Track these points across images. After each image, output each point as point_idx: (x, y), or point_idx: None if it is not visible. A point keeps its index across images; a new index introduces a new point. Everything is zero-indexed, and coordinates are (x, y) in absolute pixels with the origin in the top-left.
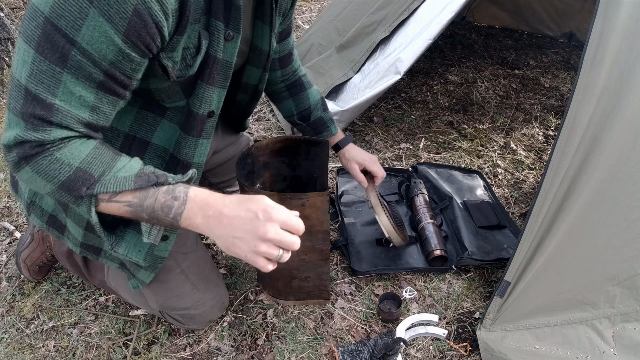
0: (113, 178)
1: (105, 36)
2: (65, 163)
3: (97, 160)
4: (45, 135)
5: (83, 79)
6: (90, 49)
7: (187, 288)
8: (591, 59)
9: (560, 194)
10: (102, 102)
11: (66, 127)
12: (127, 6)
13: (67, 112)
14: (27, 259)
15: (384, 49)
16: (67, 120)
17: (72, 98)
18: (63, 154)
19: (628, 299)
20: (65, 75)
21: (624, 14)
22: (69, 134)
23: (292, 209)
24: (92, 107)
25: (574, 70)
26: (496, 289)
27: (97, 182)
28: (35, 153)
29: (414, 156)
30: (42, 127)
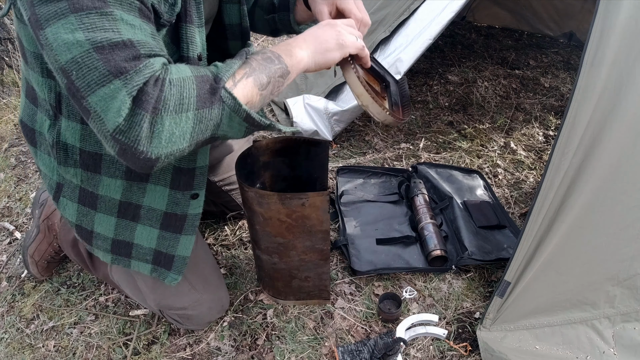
0: (222, 66)
1: None
2: (183, 78)
3: (196, 67)
4: (151, 69)
5: (128, 10)
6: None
7: (184, 287)
8: (591, 59)
9: (560, 194)
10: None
11: (156, 54)
12: None
13: (146, 42)
14: (34, 253)
15: (384, 49)
16: (149, 46)
17: (134, 29)
18: (175, 76)
19: (628, 299)
20: (115, 11)
21: (624, 14)
22: (162, 60)
23: (292, 209)
24: (152, 35)
25: (574, 70)
26: (496, 289)
27: (216, 75)
28: (159, 91)
29: (414, 156)
30: (139, 63)
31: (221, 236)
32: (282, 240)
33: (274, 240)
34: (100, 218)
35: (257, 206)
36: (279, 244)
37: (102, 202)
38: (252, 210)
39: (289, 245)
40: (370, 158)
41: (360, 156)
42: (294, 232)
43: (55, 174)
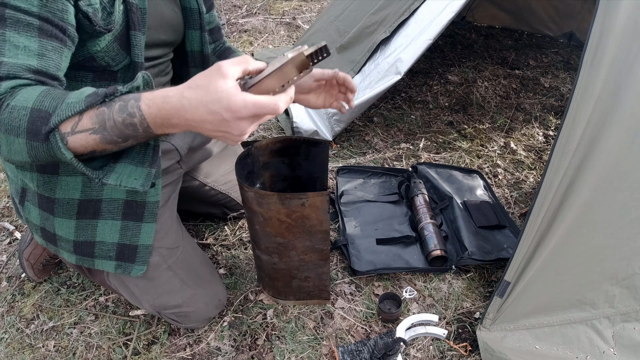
0: (65, 105)
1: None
2: (20, 107)
3: (49, 97)
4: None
5: (24, 30)
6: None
7: (176, 284)
8: (591, 59)
9: (559, 194)
10: (47, 49)
11: (14, 76)
12: None
13: (13, 64)
14: (30, 256)
15: (384, 50)
16: (14, 70)
17: (17, 52)
18: (17, 101)
19: (627, 299)
20: (8, 32)
21: (623, 14)
22: (18, 82)
23: (292, 209)
24: (38, 54)
25: (574, 70)
26: (496, 289)
27: (52, 115)
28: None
29: (414, 156)
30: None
31: (221, 236)
32: (282, 240)
33: (274, 240)
34: (60, 222)
35: (257, 206)
36: (278, 244)
37: (59, 206)
38: (252, 210)
39: (289, 245)
40: (370, 158)
41: (360, 156)
42: (293, 232)
43: (19, 179)
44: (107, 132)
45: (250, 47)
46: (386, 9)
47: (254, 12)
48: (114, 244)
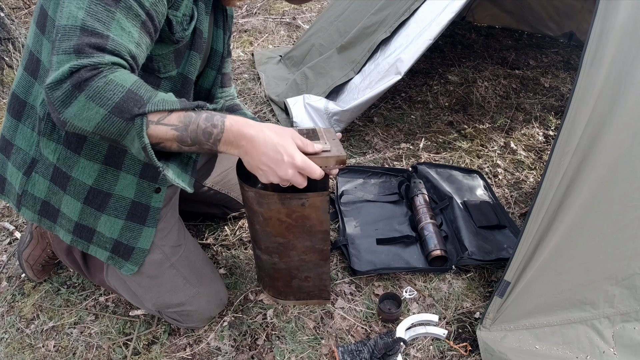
0: (161, 99)
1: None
2: (118, 84)
3: (144, 86)
4: (99, 59)
5: (132, 18)
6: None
7: (179, 282)
8: (591, 59)
9: (559, 194)
10: (142, 42)
11: (118, 54)
12: None
13: (120, 43)
14: (29, 257)
15: (384, 50)
16: (120, 48)
17: (123, 33)
18: (116, 77)
19: (627, 299)
20: (118, 14)
21: (623, 14)
22: (119, 61)
23: (292, 209)
24: (137, 43)
25: (574, 70)
26: (496, 289)
27: (147, 102)
28: (91, 76)
29: (414, 156)
30: (97, 53)
31: (221, 236)
32: (282, 240)
33: (274, 240)
34: (68, 200)
35: (257, 206)
36: (279, 243)
37: (72, 185)
38: (252, 210)
39: (289, 245)
40: (370, 158)
41: (360, 156)
42: (294, 232)
43: (33, 149)
44: (185, 132)
45: (250, 47)
46: (386, 9)
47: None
48: (112, 239)
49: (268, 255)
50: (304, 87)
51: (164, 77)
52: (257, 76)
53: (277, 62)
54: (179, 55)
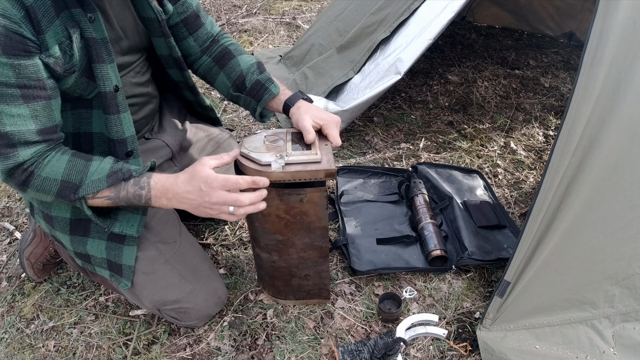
0: (90, 182)
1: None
2: (51, 179)
3: (74, 170)
4: (18, 158)
5: (11, 101)
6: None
7: (174, 278)
8: (591, 59)
9: (559, 194)
10: (37, 110)
11: (25, 142)
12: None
13: (17, 131)
14: (30, 255)
15: (384, 49)
16: (24, 137)
17: (15, 120)
18: (46, 173)
19: (627, 299)
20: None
21: (623, 14)
22: (35, 149)
23: (290, 205)
24: (32, 117)
25: (574, 70)
26: (496, 289)
27: (79, 187)
28: (25, 178)
29: (414, 156)
30: (11, 152)
31: (221, 236)
32: (281, 237)
33: (273, 237)
34: (60, 235)
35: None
36: (278, 241)
37: (56, 223)
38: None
39: (288, 243)
40: (370, 158)
41: (360, 156)
42: (292, 229)
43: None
44: (118, 199)
45: (250, 47)
46: (386, 8)
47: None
48: (104, 259)
49: (267, 253)
50: (303, 87)
51: (92, 96)
52: None
53: (277, 62)
54: (89, 75)
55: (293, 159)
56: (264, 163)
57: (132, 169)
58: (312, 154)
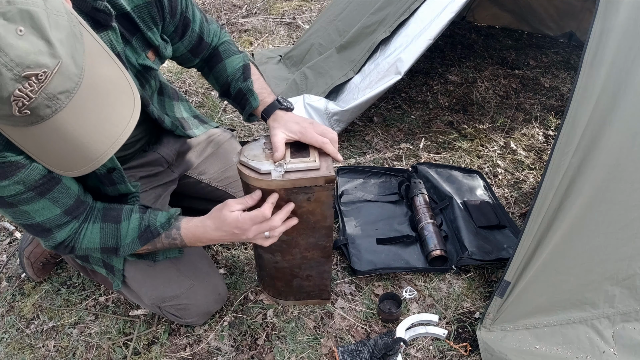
0: (126, 245)
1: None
2: (91, 249)
3: (108, 237)
4: (55, 240)
5: (30, 202)
6: (5, 193)
7: (172, 274)
8: (591, 59)
9: (559, 194)
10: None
11: (58, 225)
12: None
13: (47, 219)
14: (30, 255)
15: (384, 49)
16: (55, 222)
17: (41, 212)
18: (85, 244)
19: (627, 299)
20: (21, 207)
21: (623, 14)
22: (68, 228)
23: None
24: (54, 204)
25: (574, 70)
26: (496, 289)
27: (118, 249)
28: (69, 251)
29: (414, 156)
30: (49, 235)
31: None
32: (285, 237)
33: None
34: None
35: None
36: (282, 241)
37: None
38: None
39: (292, 243)
40: (370, 158)
41: (360, 156)
42: (297, 229)
43: None
44: (156, 248)
45: (250, 47)
46: (386, 8)
47: (254, 12)
48: (99, 258)
49: (270, 253)
50: (303, 87)
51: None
52: None
53: (277, 62)
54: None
55: (292, 166)
56: (263, 172)
57: (159, 226)
58: (311, 161)
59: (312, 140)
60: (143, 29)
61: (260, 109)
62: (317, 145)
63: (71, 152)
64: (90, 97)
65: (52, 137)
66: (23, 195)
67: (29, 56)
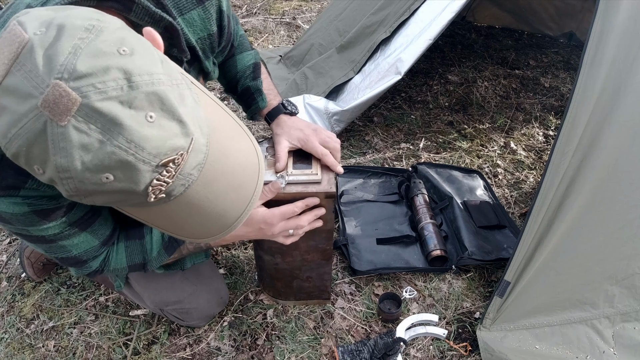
0: (154, 258)
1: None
2: (119, 269)
3: (134, 254)
4: (90, 269)
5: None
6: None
7: (176, 279)
8: (591, 59)
9: (559, 194)
10: (95, 230)
11: (94, 257)
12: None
13: (85, 252)
14: (31, 255)
15: (384, 50)
16: (92, 254)
17: (79, 245)
18: (113, 266)
19: (627, 299)
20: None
21: (623, 14)
22: (102, 257)
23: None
24: (93, 237)
25: (574, 70)
26: (496, 289)
27: (146, 263)
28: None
29: (414, 156)
30: (83, 266)
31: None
32: None
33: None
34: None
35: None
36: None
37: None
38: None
39: (292, 245)
40: (370, 158)
41: (360, 156)
42: None
43: None
44: (182, 255)
45: None
46: (386, 9)
47: (254, 12)
48: None
49: (270, 255)
50: (303, 87)
51: None
52: None
53: (277, 62)
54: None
55: (294, 178)
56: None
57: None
58: (313, 173)
59: (313, 150)
60: (202, 59)
61: (265, 111)
62: (318, 156)
63: (205, 221)
64: (216, 161)
65: (183, 210)
66: (65, 232)
67: (165, 144)
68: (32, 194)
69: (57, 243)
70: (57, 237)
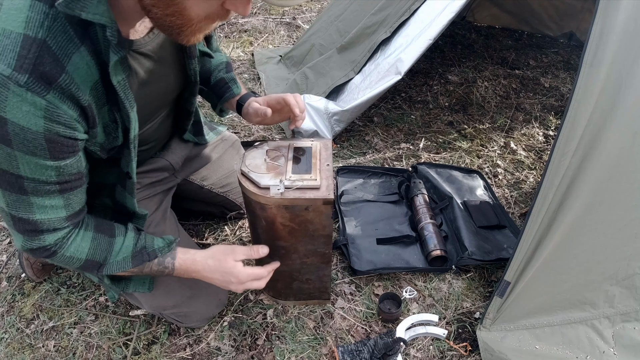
0: (115, 263)
1: (39, 165)
2: (75, 258)
3: (98, 250)
4: (42, 242)
5: (46, 195)
6: (35, 175)
7: (172, 284)
8: (591, 59)
9: (559, 194)
10: (70, 198)
11: (54, 229)
12: (39, 140)
13: (48, 220)
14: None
15: (384, 50)
16: (53, 225)
17: (46, 210)
18: (71, 252)
19: (627, 299)
20: (31, 198)
21: (623, 13)
22: (61, 233)
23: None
24: (65, 206)
25: (574, 70)
26: (496, 289)
27: (103, 265)
28: (49, 255)
29: (414, 156)
30: (36, 236)
31: (221, 236)
32: (284, 243)
33: (276, 243)
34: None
35: (259, 211)
36: (281, 247)
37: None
38: (254, 214)
39: (291, 249)
40: (370, 158)
41: (360, 156)
42: (296, 236)
43: None
44: (141, 273)
45: (250, 47)
46: (386, 9)
47: (254, 12)
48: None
49: (269, 258)
50: (304, 87)
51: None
52: (257, 76)
53: (277, 62)
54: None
55: (292, 183)
56: (262, 186)
57: (157, 249)
58: (312, 179)
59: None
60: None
61: (236, 99)
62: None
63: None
64: None
65: None
66: (46, 186)
67: None
68: (56, 104)
69: (29, 197)
70: (35, 188)
